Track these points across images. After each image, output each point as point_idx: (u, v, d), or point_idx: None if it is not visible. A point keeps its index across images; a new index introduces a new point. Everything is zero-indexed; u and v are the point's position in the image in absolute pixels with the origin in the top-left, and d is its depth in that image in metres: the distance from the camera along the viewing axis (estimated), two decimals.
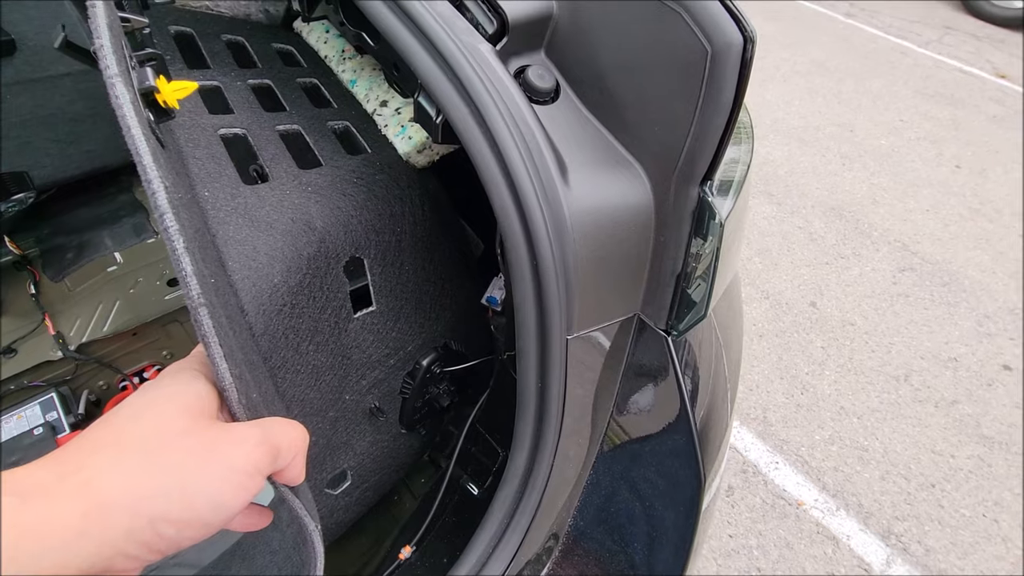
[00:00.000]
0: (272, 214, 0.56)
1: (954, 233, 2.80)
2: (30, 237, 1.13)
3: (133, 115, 0.35)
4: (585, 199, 0.51)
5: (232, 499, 0.33)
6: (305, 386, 0.57)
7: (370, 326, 0.65)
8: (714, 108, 0.47)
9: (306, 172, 0.63)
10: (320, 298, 0.58)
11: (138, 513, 0.29)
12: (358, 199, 0.64)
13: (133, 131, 0.35)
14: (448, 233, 0.76)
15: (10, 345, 1.04)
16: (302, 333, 0.56)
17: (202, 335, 0.35)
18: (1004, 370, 2.20)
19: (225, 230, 0.52)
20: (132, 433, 0.32)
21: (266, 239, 0.54)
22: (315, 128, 0.70)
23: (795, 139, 3.34)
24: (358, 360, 0.64)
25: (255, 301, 0.51)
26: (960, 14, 5.03)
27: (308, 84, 0.79)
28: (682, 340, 0.65)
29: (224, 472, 0.33)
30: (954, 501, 1.80)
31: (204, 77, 0.70)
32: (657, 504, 0.66)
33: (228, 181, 0.56)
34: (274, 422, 0.38)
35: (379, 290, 0.66)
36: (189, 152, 0.57)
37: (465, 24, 0.53)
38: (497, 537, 0.60)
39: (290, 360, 0.54)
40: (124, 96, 0.36)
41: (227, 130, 0.63)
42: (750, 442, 1.91)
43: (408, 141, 0.72)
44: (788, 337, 2.25)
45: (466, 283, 0.78)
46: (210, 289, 0.38)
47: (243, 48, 0.80)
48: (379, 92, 0.77)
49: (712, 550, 1.64)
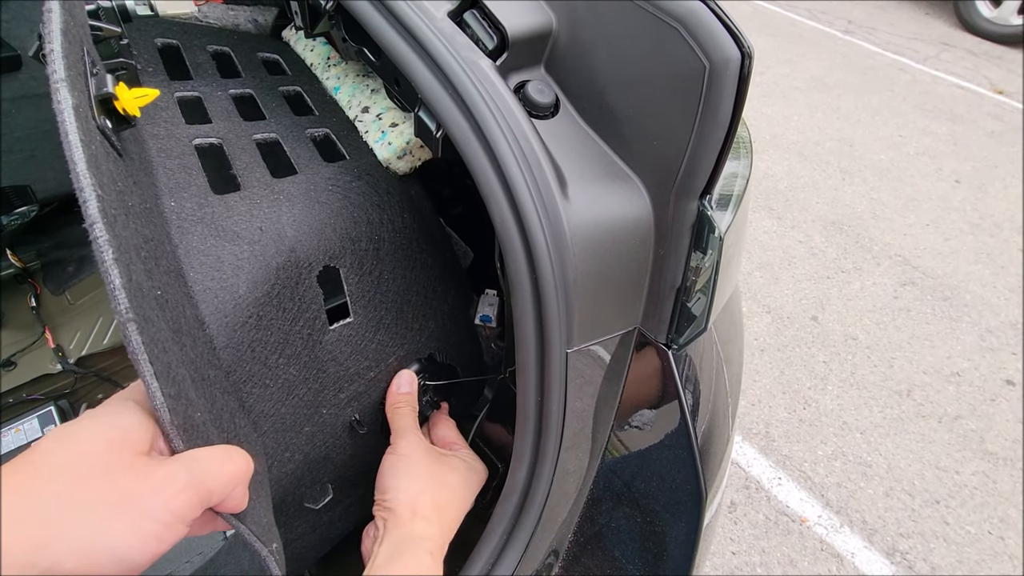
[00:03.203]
0: (240, 224, 0.55)
1: (955, 247, 2.80)
2: (32, 250, 1.13)
3: (72, 120, 0.35)
4: (585, 213, 0.51)
5: (140, 553, 0.30)
6: (276, 400, 0.55)
7: (347, 338, 0.63)
8: (712, 123, 0.47)
9: (279, 180, 0.61)
10: (291, 309, 0.56)
11: (32, 564, 0.27)
12: (333, 207, 0.62)
13: (70, 136, 0.34)
14: (431, 241, 0.74)
15: (9, 358, 1.04)
16: (271, 346, 0.54)
17: (131, 352, 0.32)
18: (1007, 385, 2.19)
19: (188, 240, 0.51)
20: (48, 468, 0.30)
21: (231, 249, 0.53)
22: (293, 136, 0.69)
23: (795, 154, 3.36)
24: (335, 373, 0.62)
25: (217, 313, 0.50)
26: (957, 31, 5.07)
27: (291, 92, 0.78)
28: (683, 354, 0.64)
29: (136, 522, 0.30)
30: (959, 518, 1.78)
31: (185, 88, 0.69)
32: (658, 520, 0.65)
33: (197, 191, 0.55)
34: (209, 457, 0.35)
35: (356, 300, 0.64)
36: (160, 163, 0.56)
37: (465, 40, 0.53)
38: (496, 553, 0.59)
39: (257, 373, 0.53)
40: (66, 101, 0.35)
41: (203, 140, 0.62)
42: (752, 457, 1.89)
43: (388, 147, 0.71)
44: (790, 351, 2.24)
45: (451, 292, 0.77)
46: (151, 303, 0.37)
47: (228, 58, 0.80)
48: (361, 98, 0.77)
49: (715, 567, 1.62)
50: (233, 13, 0.89)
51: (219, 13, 0.88)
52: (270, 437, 0.55)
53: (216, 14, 0.87)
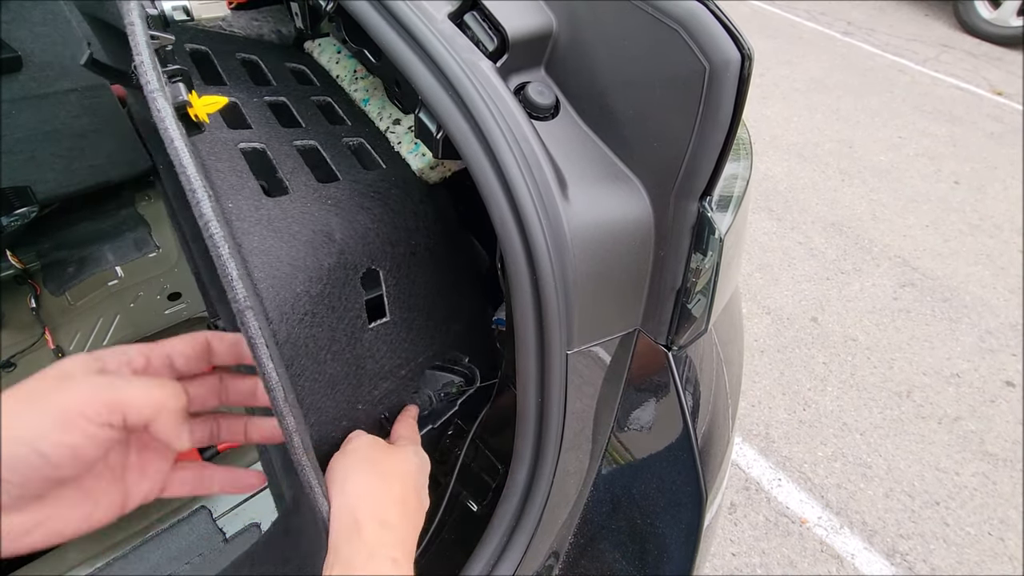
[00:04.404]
0: (294, 225, 0.57)
1: (954, 249, 2.81)
2: (32, 251, 1.13)
3: (175, 127, 0.37)
4: (585, 214, 0.51)
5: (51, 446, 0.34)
6: (322, 395, 0.57)
7: (383, 337, 0.66)
8: (712, 124, 0.47)
9: (325, 186, 0.64)
10: (339, 308, 0.58)
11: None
12: (375, 212, 0.65)
13: (176, 143, 0.36)
14: (457, 248, 0.77)
15: (9, 359, 1.04)
16: (321, 342, 0.56)
17: (249, 338, 0.36)
18: (1007, 386, 2.19)
19: (250, 240, 0.52)
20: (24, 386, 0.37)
21: (289, 249, 0.54)
22: (331, 144, 0.71)
23: (794, 155, 3.36)
24: (371, 370, 0.64)
25: (279, 309, 0.51)
26: (956, 32, 5.08)
27: (322, 102, 0.80)
28: (683, 355, 0.64)
29: (44, 412, 0.35)
30: (959, 519, 1.78)
31: (221, 93, 0.71)
32: (658, 521, 0.65)
33: (250, 193, 0.57)
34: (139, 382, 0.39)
35: (393, 301, 0.67)
36: (212, 165, 0.58)
37: (466, 42, 0.54)
38: (496, 555, 0.59)
39: (309, 369, 0.55)
40: (166, 110, 0.37)
41: (246, 144, 0.64)
42: (752, 459, 1.89)
43: (422, 158, 0.73)
44: (790, 353, 2.24)
45: (475, 296, 0.79)
46: (252, 293, 0.40)
47: (257, 66, 0.82)
48: (391, 111, 0.79)
49: (715, 568, 1.61)
50: (257, 23, 0.91)
51: (243, 22, 0.89)
52: (314, 430, 0.57)
53: (241, 23, 0.89)
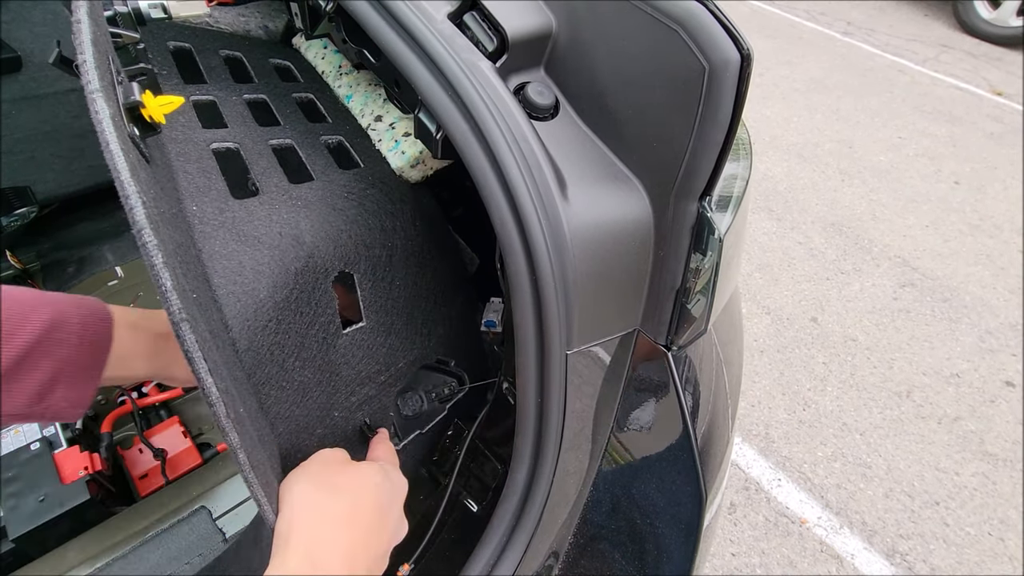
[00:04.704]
0: (260, 228, 0.56)
1: (954, 249, 2.81)
2: (31, 251, 1.13)
3: (112, 130, 0.36)
4: (584, 214, 0.51)
5: None
6: (291, 403, 0.56)
7: (360, 342, 0.64)
8: (712, 124, 0.47)
9: (297, 186, 0.62)
10: (308, 313, 0.57)
11: None
12: (349, 213, 0.63)
13: (111, 146, 0.35)
14: (441, 248, 0.76)
15: None
16: (288, 349, 0.55)
17: (185, 351, 0.34)
18: (1007, 386, 2.19)
19: (211, 245, 0.51)
20: None
21: (252, 253, 0.53)
22: (308, 142, 0.70)
23: (794, 155, 3.36)
24: (347, 376, 0.63)
25: (239, 316, 0.50)
26: (956, 32, 5.08)
27: (304, 99, 0.79)
28: (682, 355, 0.64)
29: None
30: (959, 519, 1.78)
31: (200, 92, 0.70)
32: (658, 522, 0.65)
33: (217, 195, 0.56)
34: None
35: (369, 305, 0.65)
36: (180, 166, 0.57)
37: (465, 42, 0.54)
38: (496, 555, 0.59)
39: (275, 376, 0.54)
40: (104, 111, 0.36)
41: (220, 144, 0.63)
42: (752, 459, 1.89)
43: (401, 156, 0.72)
44: (789, 353, 2.24)
45: (459, 299, 0.78)
46: (191, 304, 0.38)
47: (240, 63, 0.81)
48: (374, 107, 0.77)
49: (715, 568, 1.61)
50: (244, 19, 0.90)
51: (230, 18, 0.88)
52: (284, 439, 0.55)
53: (227, 19, 0.88)
